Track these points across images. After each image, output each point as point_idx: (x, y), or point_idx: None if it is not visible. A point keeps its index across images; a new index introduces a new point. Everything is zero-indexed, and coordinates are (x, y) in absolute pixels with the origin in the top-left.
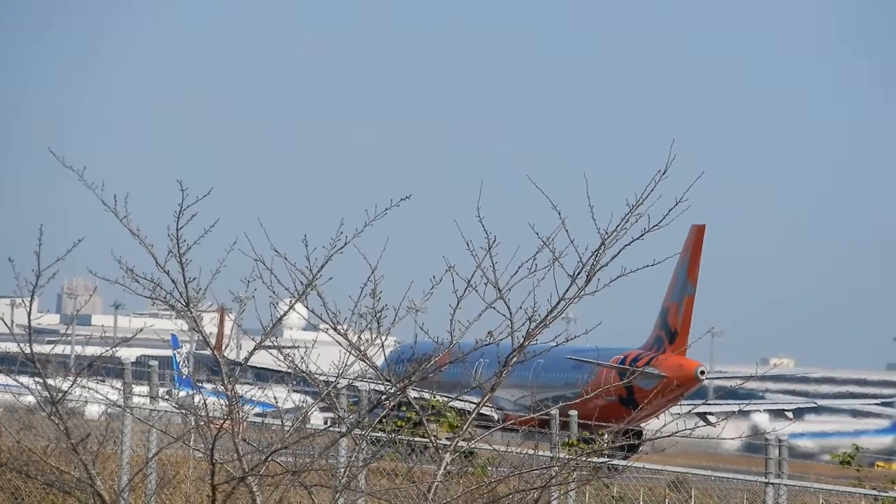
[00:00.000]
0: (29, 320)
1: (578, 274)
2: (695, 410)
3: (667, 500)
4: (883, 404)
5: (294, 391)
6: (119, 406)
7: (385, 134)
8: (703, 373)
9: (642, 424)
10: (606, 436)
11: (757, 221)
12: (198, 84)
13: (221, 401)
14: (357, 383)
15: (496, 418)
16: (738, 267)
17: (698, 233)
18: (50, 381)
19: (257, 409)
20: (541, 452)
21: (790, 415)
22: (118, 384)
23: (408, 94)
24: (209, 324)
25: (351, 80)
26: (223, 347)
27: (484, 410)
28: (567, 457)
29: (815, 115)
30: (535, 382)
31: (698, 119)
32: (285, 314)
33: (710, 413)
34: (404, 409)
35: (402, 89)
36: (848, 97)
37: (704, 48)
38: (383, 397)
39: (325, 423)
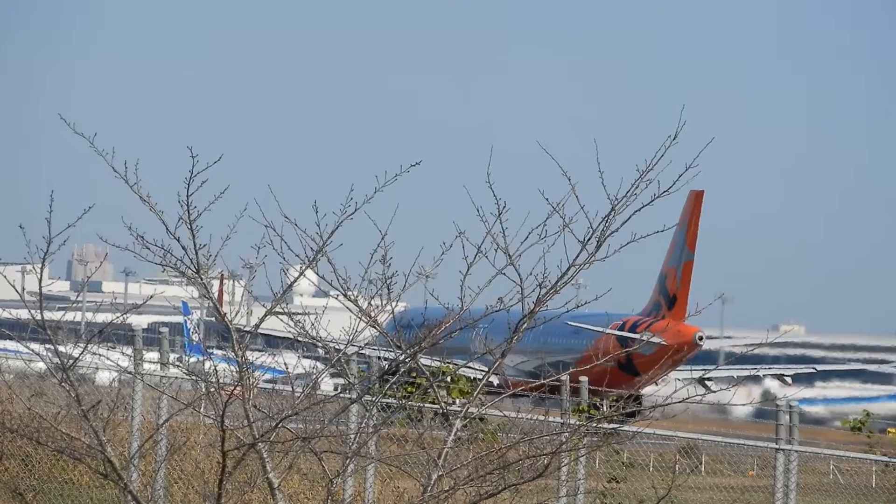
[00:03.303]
0: (40, 287)
1: (589, 240)
2: (693, 376)
3: (677, 466)
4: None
5: (304, 357)
6: (130, 373)
7: (395, 100)
8: (701, 338)
9: (642, 390)
10: (605, 402)
11: (768, 187)
12: (208, 50)
13: (232, 367)
14: (367, 350)
15: (496, 384)
16: (748, 233)
17: (697, 198)
18: (61, 348)
19: (268, 376)
20: (551, 418)
21: (789, 380)
22: (129, 351)
23: (418, 60)
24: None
25: (361, 46)
26: (223, 314)
27: (483, 376)
28: (578, 423)
29: (826, 77)
30: (534, 348)
31: (708, 85)
32: (295, 280)
33: (709, 379)
34: (414, 374)
35: (412, 55)
36: (854, 56)
37: (714, 13)
38: (391, 364)
39: (336, 389)
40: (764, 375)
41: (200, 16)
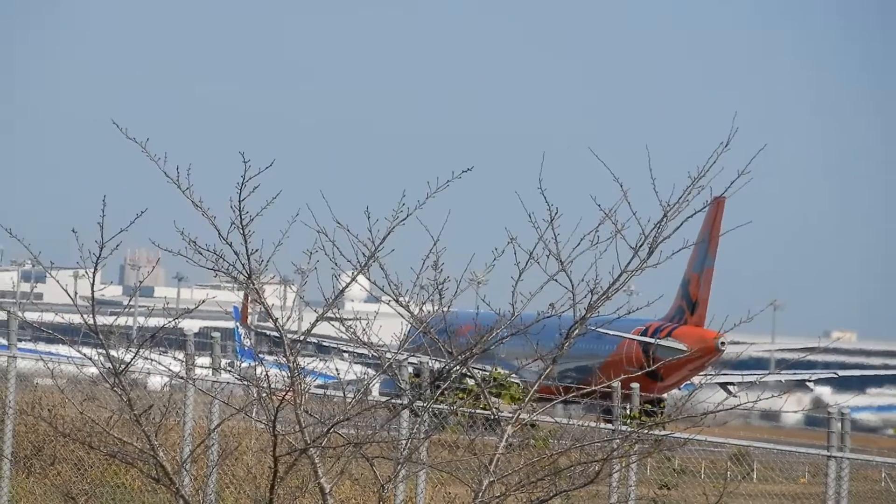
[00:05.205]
0: (92, 292)
1: (641, 246)
2: (715, 380)
3: (729, 473)
4: None
5: (355, 363)
6: (181, 377)
7: (448, 106)
8: (723, 343)
9: (664, 394)
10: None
11: (820, 193)
12: (261, 56)
13: (283, 372)
14: (417, 356)
15: (521, 388)
16: (801, 240)
17: (718, 205)
18: (113, 353)
19: (319, 381)
20: (602, 425)
21: (811, 385)
22: (180, 356)
23: (470, 67)
24: (271, 296)
25: (415, 51)
26: (274, 318)
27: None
28: (629, 429)
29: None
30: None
31: (759, 90)
32: (347, 286)
33: (731, 383)
34: (466, 380)
35: (466, 59)
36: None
37: (762, 19)
38: (442, 370)
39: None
40: (785, 381)
41: (253, 24)
